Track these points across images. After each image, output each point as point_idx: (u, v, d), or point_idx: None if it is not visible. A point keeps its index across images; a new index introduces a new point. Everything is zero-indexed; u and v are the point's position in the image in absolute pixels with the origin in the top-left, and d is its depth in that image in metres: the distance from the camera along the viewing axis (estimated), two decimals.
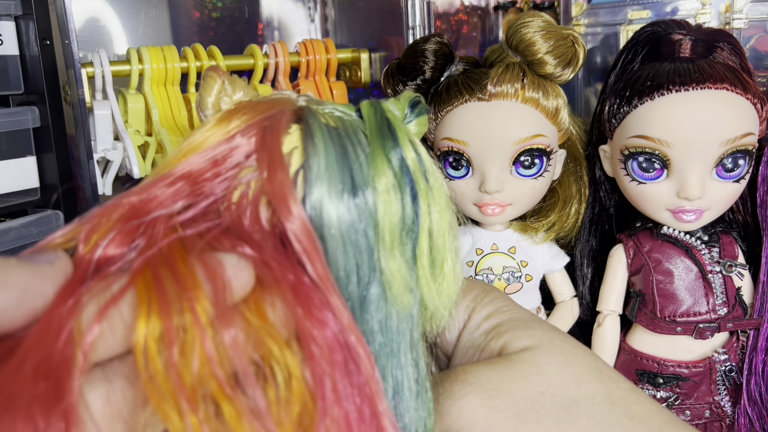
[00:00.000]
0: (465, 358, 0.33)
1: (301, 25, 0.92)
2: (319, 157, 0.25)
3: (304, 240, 0.24)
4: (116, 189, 0.70)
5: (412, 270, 0.27)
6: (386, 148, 0.26)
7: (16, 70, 0.62)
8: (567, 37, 0.57)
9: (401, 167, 0.26)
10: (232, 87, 0.29)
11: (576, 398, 0.29)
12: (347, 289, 0.26)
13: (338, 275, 0.25)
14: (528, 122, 0.57)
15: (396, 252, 0.26)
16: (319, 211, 0.25)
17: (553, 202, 0.64)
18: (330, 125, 0.27)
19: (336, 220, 0.25)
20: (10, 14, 0.60)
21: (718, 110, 0.53)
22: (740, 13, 0.70)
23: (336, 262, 0.25)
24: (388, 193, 0.26)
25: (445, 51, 0.59)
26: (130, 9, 0.79)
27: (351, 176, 0.25)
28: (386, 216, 0.26)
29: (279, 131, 0.26)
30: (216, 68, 0.29)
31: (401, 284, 0.27)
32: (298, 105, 0.28)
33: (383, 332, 0.27)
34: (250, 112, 0.27)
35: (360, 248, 0.26)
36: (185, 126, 0.69)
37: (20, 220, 0.61)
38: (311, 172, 0.25)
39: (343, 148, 0.26)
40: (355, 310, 0.26)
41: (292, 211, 0.24)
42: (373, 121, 0.27)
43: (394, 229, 0.26)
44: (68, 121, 0.63)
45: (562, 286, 0.66)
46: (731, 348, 0.59)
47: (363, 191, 0.26)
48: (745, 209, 0.61)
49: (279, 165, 0.25)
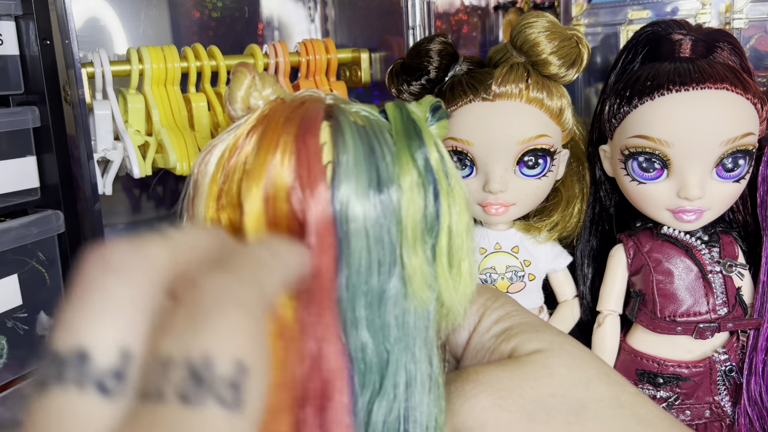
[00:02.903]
0: (475, 360, 0.33)
1: (301, 25, 0.92)
2: (348, 154, 0.26)
3: (322, 228, 0.25)
4: (116, 189, 0.70)
5: (431, 267, 0.28)
6: (412, 148, 0.27)
7: (16, 70, 0.61)
8: (571, 37, 0.57)
9: (426, 167, 0.27)
10: (262, 83, 0.29)
11: (585, 401, 0.29)
12: (368, 284, 0.26)
13: (359, 269, 0.26)
14: (532, 122, 0.57)
15: (418, 248, 0.27)
16: (345, 205, 0.26)
17: (556, 202, 0.64)
18: (358, 123, 0.27)
19: (362, 215, 0.26)
20: (10, 14, 0.60)
21: (718, 110, 0.53)
22: (740, 13, 0.70)
23: (359, 257, 0.26)
24: (412, 191, 0.27)
25: (449, 51, 0.59)
26: (130, 9, 0.79)
27: (377, 173, 0.26)
28: (410, 213, 0.27)
29: (315, 128, 0.26)
30: (246, 64, 0.30)
31: (421, 280, 0.27)
32: (327, 103, 0.29)
33: (399, 327, 0.27)
34: (284, 112, 0.27)
35: (383, 244, 0.26)
36: (185, 126, 0.69)
37: (20, 220, 0.61)
38: (340, 168, 0.26)
39: (371, 146, 0.27)
40: (373, 304, 0.27)
41: (319, 194, 0.25)
42: (400, 122, 0.28)
43: (416, 226, 0.27)
44: (68, 121, 0.63)
45: (564, 286, 0.66)
46: (731, 348, 0.59)
47: (388, 188, 0.26)
48: (745, 209, 0.61)
49: (315, 158, 0.26)
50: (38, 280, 0.63)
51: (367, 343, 0.27)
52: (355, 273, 0.26)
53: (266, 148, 0.26)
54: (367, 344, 0.27)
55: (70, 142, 0.64)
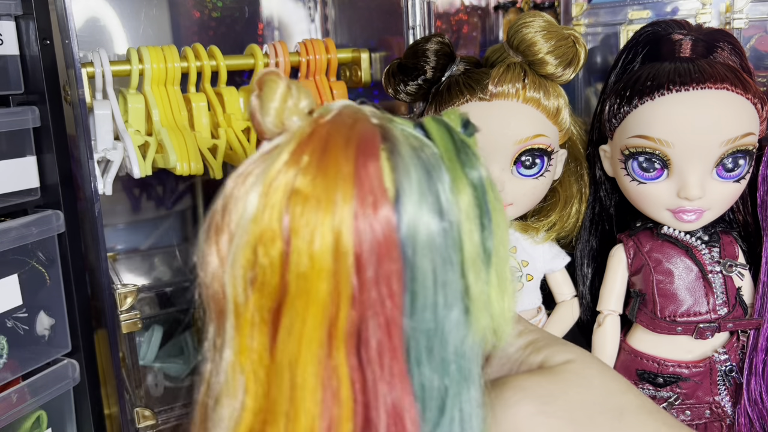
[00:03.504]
0: (502, 371, 0.34)
1: (301, 25, 0.92)
2: (410, 179, 0.25)
3: (389, 254, 0.25)
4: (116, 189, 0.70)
5: (487, 287, 0.28)
6: (465, 169, 0.27)
7: (16, 70, 0.62)
8: (568, 37, 0.57)
9: (480, 188, 0.27)
10: (298, 93, 0.27)
11: (623, 408, 0.31)
12: (434, 312, 0.26)
13: (425, 298, 0.25)
14: (529, 122, 0.57)
15: (479, 270, 0.27)
16: (412, 230, 0.25)
17: (553, 202, 0.64)
18: (413, 146, 0.26)
19: (427, 240, 0.25)
20: (10, 14, 0.60)
21: (718, 110, 0.53)
22: (740, 13, 0.70)
23: (424, 283, 0.25)
24: (469, 214, 0.26)
25: (446, 51, 0.59)
26: (130, 9, 0.79)
27: (437, 197, 0.26)
28: (469, 236, 0.26)
29: (375, 153, 0.25)
30: (276, 72, 0.28)
31: (482, 304, 0.27)
32: (374, 122, 0.27)
33: (458, 360, 0.27)
34: (339, 134, 0.26)
35: (447, 268, 0.26)
36: (185, 126, 0.69)
37: (20, 220, 0.61)
38: (403, 194, 0.25)
39: (427, 170, 0.26)
40: (435, 338, 0.26)
41: (386, 221, 0.25)
42: (450, 142, 0.27)
43: (476, 247, 0.27)
44: (68, 121, 0.63)
45: (562, 285, 0.66)
46: (731, 348, 0.59)
47: (449, 212, 0.26)
48: (745, 209, 0.61)
49: (378, 185, 0.25)
50: (38, 280, 0.63)
51: (428, 379, 0.26)
52: (420, 304, 0.25)
53: (326, 175, 0.25)
54: (428, 381, 0.26)
55: (70, 142, 0.64)
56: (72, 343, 0.66)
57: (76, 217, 0.66)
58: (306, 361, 0.25)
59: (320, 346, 0.25)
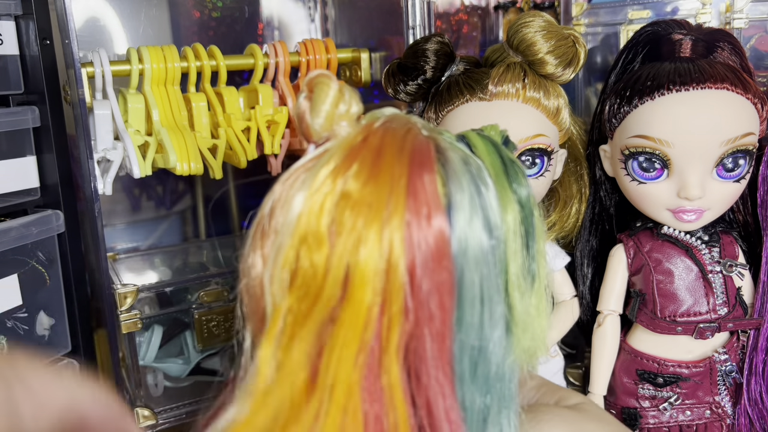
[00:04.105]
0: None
1: (301, 25, 0.92)
2: (463, 193, 0.25)
3: (441, 266, 0.24)
4: (116, 189, 0.70)
5: (528, 304, 0.27)
6: (513, 185, 0.27)
7: (16, 70, 0.62)
8: (568, 37, 0.57)
9: (527, 204, 0.27)
10: (350, 97, 0.27)
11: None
12: (479, 329, 0.25)
13: (472, 313, 0.25)
14: (529, 122, 0.57)
15: (523, 292, 0.27)
16: (464, 243, 0.25)
17: (553, 202, 0.64)
18: (463, 159, 0.26)
19: (477, 253, 0.25)
20: (10, 14, 0.60)
21: (718, 110, 0.53)
22: (740, 13, 0.70)
23: (472, 298, 0.25)
24: (516, 230, 0.26)
25: (446, 50, 0.59)
26: (130, 9, 0.79)
27: (484, 212, 0.25)
28: (515, 254, 0.26)
29: (430, 165, 0.25)
30: (328, 74, 0.27)
31: (525, 323, 0.27)
32: (425, 134, 0.27)
33: (499, 379, 0.26)
34: (393, 143, 0.25)
35: (492, 286, 0.26)
36: (185, 126, 0.69)
37: (20, 220, 0.61)
38: (456, 207, 0.25)
39: (476, 185, 0.26)
40: (479, 355, 0.26)
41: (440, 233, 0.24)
42: (498, 159, 0.27)
43: (520, 268, 0.26)
44: (68, 121, 0.63)
45: (562, 285, 0.66)
46: (731, 348, 0.59)
47: (496, 226, 0.26)
48: (745, 209, 0.61)
49: (432, 196, 0.24)
50: (38, 280, 0.63)
51: (470, 398, 0.26)
52: (467, 321, 0.25)
53: (378, 181, 0.24)
54: (470, 400, 0.26)
55: (70, 142, 0.64)
56: (72, 342, 0.66)
57: (76, 217, 0.66)
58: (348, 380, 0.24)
59: (354, 362, 0.24)
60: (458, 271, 0.25)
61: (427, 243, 0.24)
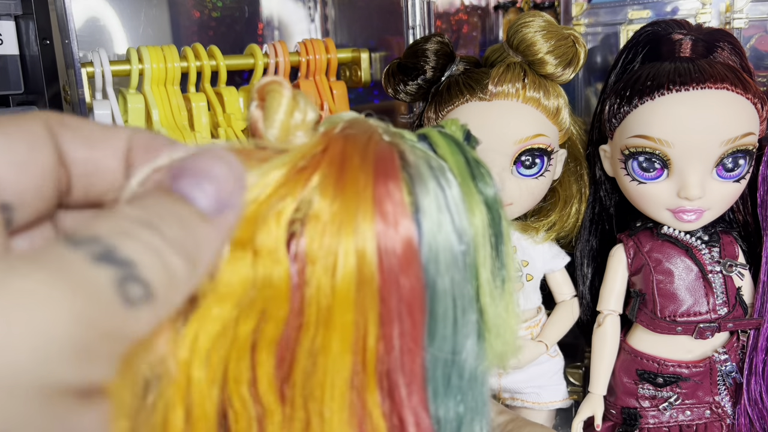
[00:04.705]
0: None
1: (301, 25, 0.92)
2: (429, 196, 0.24)
3: (411, 277, 0.23)
4: None
5: (498, 307, 0.27)
6: (479, 185, 0.26)
7: (16, 70, 0.62)
8: (568, 37, 0.57)
9: (494, 205, 0.26)
10: (305, 105, 0.25)
11: None
12: (453, 342, 0.25)
13: (445, 326, 0.25)
14: (529, 122, 0.57)
15: (494, 291, 0.26)
16: (434, 252, 0.24)
17: (553, 202, 0.64)
18: (427, 162, 0.25)
19: (448, 258, 0.24)
20: (10, 14, 0.60)
21: (718, 110, 0.53)
22: (740, 13, 0.70)
23: (445, 314, 0.25)
24: (484, 233, 0.25)
25: (446, 50, 0.59)
26: (130, 9, 0.79)
27: (451, 216, 0.25)
28: (484, 258, 0.25)
29: (395, 173, 0.24)
30: (279, 80, 0.26)
31: (497, 328, 0.26)
32: (387, 140, 0.26)
33: (470, 389, 0.26)
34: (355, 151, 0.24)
35: (464, 292, 0.25)
36: (185, 126, 0.69)
37: None
38: (424, 214, 0.24)
39: (441, 186, 0.25)
40: (451, 367, 0.25)
41: (408, 242, 0.23)
42: (462, 159, 0.26)
43: (491, 268, 0.26)
44: None
45: (562, 285, 0.66)
46: (731, 348, 0.59)
47: (464, 230, 0.25)
48: (745, 209, 0.61)
49: (399, 204, 0.23)
50: None
51: (444, 410, 0.25)
52: (440, 332, 0.24)
53: (345, 196, 0.23)
54: (444, 412, 0.25)
55: None
56: None
57: None
58: (334, 404, 0.23)
59: (349, 386, 0.23)
60: (430, 279, 0.24)
61: (395, 251, 0.23)
